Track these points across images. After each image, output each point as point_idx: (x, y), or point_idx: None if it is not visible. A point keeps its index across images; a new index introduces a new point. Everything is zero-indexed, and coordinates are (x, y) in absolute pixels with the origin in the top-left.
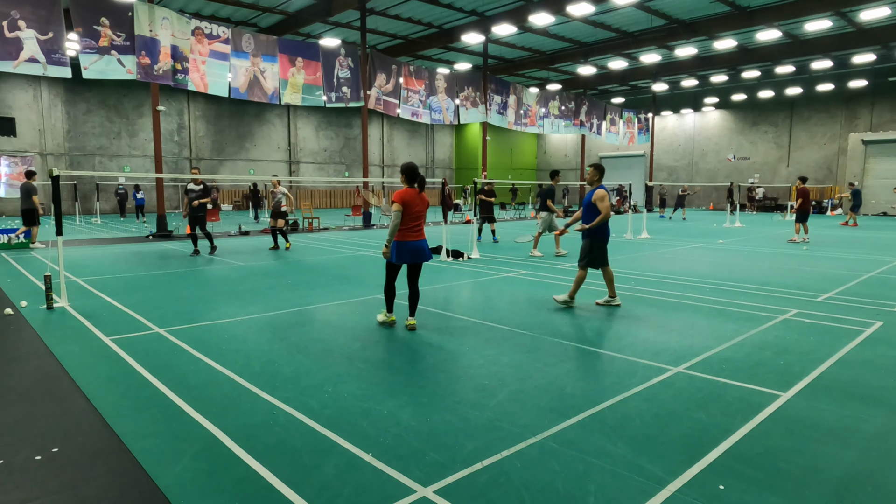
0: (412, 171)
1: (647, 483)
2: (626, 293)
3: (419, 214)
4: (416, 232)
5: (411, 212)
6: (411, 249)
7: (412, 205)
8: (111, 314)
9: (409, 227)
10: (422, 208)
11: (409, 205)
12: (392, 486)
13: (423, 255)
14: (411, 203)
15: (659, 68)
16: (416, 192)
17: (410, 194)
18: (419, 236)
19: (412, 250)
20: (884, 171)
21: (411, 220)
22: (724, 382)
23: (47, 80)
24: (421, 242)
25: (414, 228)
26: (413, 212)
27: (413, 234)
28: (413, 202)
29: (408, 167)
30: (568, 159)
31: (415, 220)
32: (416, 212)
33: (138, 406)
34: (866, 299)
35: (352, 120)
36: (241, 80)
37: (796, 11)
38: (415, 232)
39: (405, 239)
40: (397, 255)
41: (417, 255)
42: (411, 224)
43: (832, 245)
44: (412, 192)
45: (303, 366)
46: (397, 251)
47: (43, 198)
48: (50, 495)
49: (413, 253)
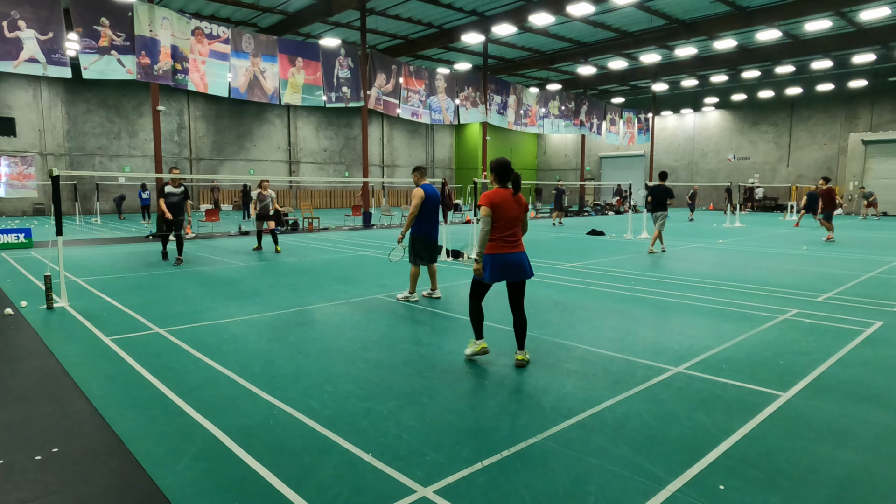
0: (503, 168)
1: (647, 483)
2: (627, 293)
3: (514, 221)
4: (511, 243)
5: (505, 217)
6: (506, 264)
7: (504, 208)
8: (111, 314)
9: (502, 236)
10: (517, 213)
11: (499, 208)
12: (392, 486)
13: (522, 271)
14: (502, 206)
15: (659, 68)
16: (508, 194)
17: (501, 195)
18: (516, 248)
19: (507, 265)
20: (884, 171)
21: (505, 228)
22: (724, 382)
23: (47, 80)
24: (519, 255)
25: (508, 238)
26: (507, 217)
27: (508, 245)
28: (505, 205)
29: (498, 164)
30: (568, 159)
31: (509, 228)
32: (511, 217)
33: (138, 406)
34: (866, 299)
35: (352, 120)
36: (241, 80)
37: (796, 11)
38: (510, 243)
39: (498, 252)
40: (490, 271)
41: (515, 272)
42: (505, 233)
43: (832, 245)
44: (503, 193)
45: (303, 366)
46: (490, 267)
47: (43, 198)
48: (50, 495)
49: (508, 268)
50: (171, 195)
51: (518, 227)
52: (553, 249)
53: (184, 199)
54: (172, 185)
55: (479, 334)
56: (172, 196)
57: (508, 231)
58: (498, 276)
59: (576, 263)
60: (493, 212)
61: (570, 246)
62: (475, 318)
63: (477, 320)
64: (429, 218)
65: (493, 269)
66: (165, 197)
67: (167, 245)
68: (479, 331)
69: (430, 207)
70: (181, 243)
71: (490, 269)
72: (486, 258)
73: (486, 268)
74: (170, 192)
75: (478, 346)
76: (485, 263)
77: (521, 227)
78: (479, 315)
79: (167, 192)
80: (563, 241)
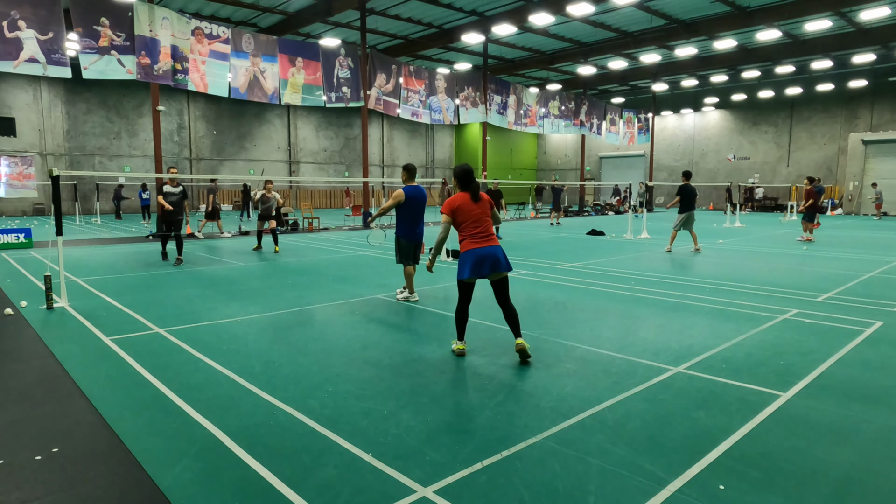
0: (465, 175)
1: (647, 483)
2: (627, 293)
3: (479, 218)
4: (482, 238)
5: (469, 217)
6: (480, 256)
7: (465, 211)
8: (111, 314)
9: (471, 234)
10: (480, 211)
11: (460, 211)
12: (392, 486)
13: (498, 263)
14: (463, 208)
15: (659, 68)
16: (467, 197)
17: (459, 199)
18: (488, 242)
19: (481, 257)
20: (884, 171)
21: (471, 227)
22: (724, 382)
23: (47, 80)
24: (493, 248)
25: (478, 235)
26: (471, 217)
27: (480, 240)
28: (465, 207)
29: (461, 171)
30: (568, 159)
31: (476, 226)
32: (475, 216)
33: (138, 406)
34: (866, 299)
35: (352, 120)
36: (241, 80)
37: (796, 11)
38: (481, 238)
39: (471, 247)
40: (467, 267)
41: (490, 264)
42: (474, 231)
43: (832, 245)
44: (462, 197)
45: (303, 366)
46: (467, 262)
47: (43, 198)
48: (50, 495)
49: (483, 260)
50: (169, 195)
51: (485, 223)
52: (553, 249)
53: (182, 198)
54: (171, 184)
55: (460, 335)
56: (171, 196)
57: (476, 228)
58: (474, 270)
59: (576, 263)
60: (456, 215)
61: (570, 246)
62: (459, 319)
63: (461, 322)
64: (411, 220)
65: (469, 264)
66: (164, 196)
67: (167, 245)
68: (461, 332)
69: (413, 209)
70: (181, 243)
71: (467, 265)
72: (462, 256)
73: (464, 264)
74: (168, 191)
75: (457, 345)
76: (461, 261)
77: (488, 222)
78: (463, 318)
79: (165, 191)
80: (563, 241)
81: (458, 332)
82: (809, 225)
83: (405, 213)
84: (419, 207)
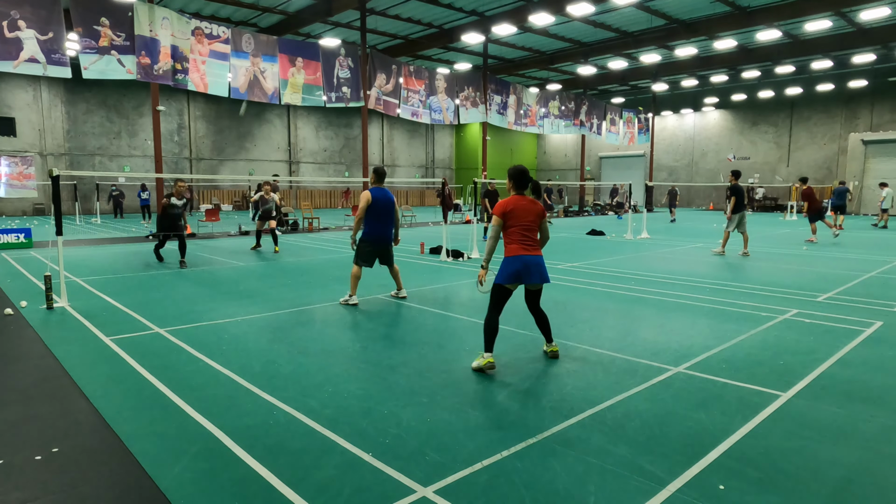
0: (521, 176)
1: (647, 483)
2: (627, 293)
3: (530, 226)
4: (529, 246)
5: (520, 223)
6: (526, 263)
7: (519, 215)
8: (111, 314)
9: (519, 239)
10: (532, 219)
11: (513, 215)
12: (392, 486)
13: (540, 273)
14: (517, 212)
15: (659, 68)
16: (525, 201)
17: (514, 202)
18: (535, 251)
19: (527, 264)
20: (884, 171)
21: (519, 233)
22: (724, 382)
23: (47, 80)
24: (537, 258)
25: (525, 242)
26: (522, 223)
27: (526, 248)
28: (520, 211)
29: (516, 171)
30: (568, 159)
31: (524, 233)
32: (527, 223)
33: (138, 406)
34: (866, 299)
35: (352, 120)
36: (241, 80)
37: (796, 11)
38: (527, 246)
39: (517, 253)
40: (512, 273)
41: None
42: (521, 237)
43: (832, 245)
44: (517, 200)
45: (303, 366)
46: (509, 267)
47: (43, 198)
48: (50, 495)
49: (528, 267)
50: (174, 207)
51: (533, 232)
52: (553, 249)
53: (185, 209)
54: (177, 197)
55: (489, 347)
56: (175, 208)
57: (524, 235)
58: (515, 277)
59: (576, 263)
60: (508, 218)
61: (569, 246)
62: (489, 329)
63: (491, 332)
64: (376, 221)
65: (511, 270)
66: (169, 208)
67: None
68: (490, 344)
69: (378, 211)
70: (184, 246)
71: (509, 270)
72: (507, 261)
73: (509, 269)
74: (174, 203)
75: (485, 359)
76: (506, 265)
77: (536, 232)
78: (493, 327)
79: (172, 203)
80: (563, 241)
81: (486, 344)
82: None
83: (370, 214)
84: (384, 209)
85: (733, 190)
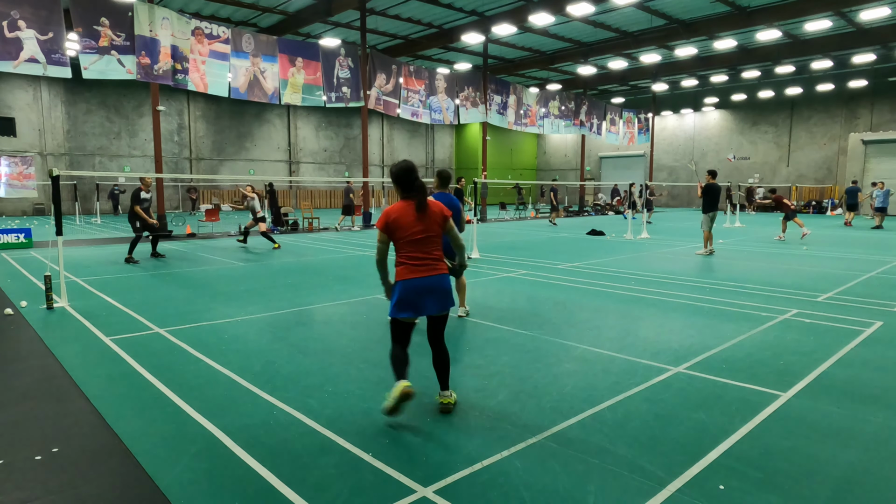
0: (404, 175)
1: (647, 483)
2: (627, 293)
3: (423, 240)
4: (422, 266)
5: (406, 235)
6: (417, 289)
7: (404, 226)
8: (111, 314)
9: (408, 258)
10: (424, 228)
11: (397, 226)
12: (392, 486)
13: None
14: (401, 223)
15: (659, 68)
16: (410, 207)
17: (398, 210)
18: (431, 271)
19: (419, 290)
20: (884, 171)
21: (410, 249)
22: (724, 382)
23: (47, 80)
24: (433, 280)
25: (417, 260)
26: (410, 236)
27: (419, 269)
28: (404, 221)
29: (398, 169)
30: (568, 159)
31: (415, 249)
32: (417, 235)
33: (138, 406)
34: (866, 299)
35: (352, 120)
36: (241, 80)
37: (796, 11)
38: (422, 266)
39: (406, 277)
40: (398, 301)
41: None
42: (412, 254)
43: (832, 245)
44: (402, 207)
45: (303, 366)
46: (398, 295)
47: (43, 198)
48: (50, 495)
49: (420, 294)
50: (144, 201)
51: (431, 245)
52: (553, 249)
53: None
54: (145, 189)
55: (399, 374)
56: (146, 202)
57: (415, 251)
58: (405, 307)
59: (576, 263)
60: (392, 232)
61: (569, 246)
62: (396, 362)
63: (398, 364)
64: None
65: (401, 299)
66: (141, 203)
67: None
68: (402, 372)
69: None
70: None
71: (398, 299)
72: (396, 287)
73: (395, 298)
74: (144, 197)
75: (397, 388)
76: (395, 293)
77: (436, 243)
78: (400, 359)
79: (142, 197)
80: (563, 241)
81: (399, 374)
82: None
83: None
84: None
85: (706, 189)
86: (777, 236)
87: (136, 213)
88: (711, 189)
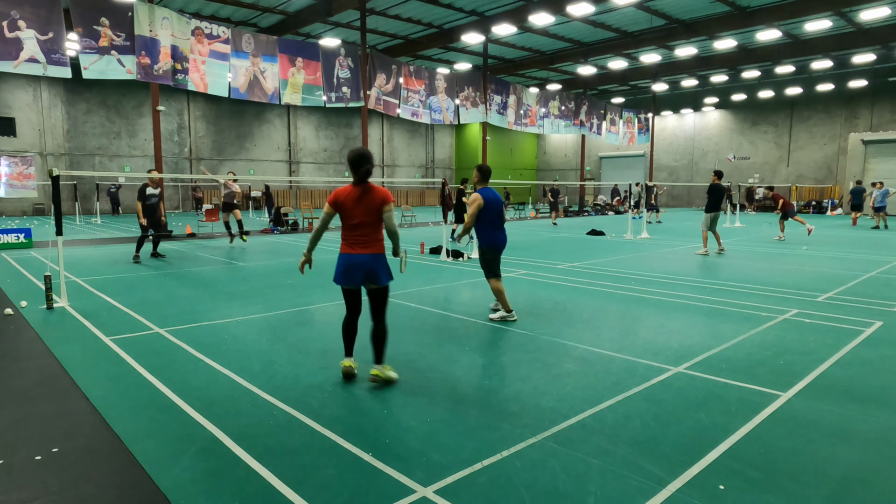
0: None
1: (647, 483)
2: (627, 293)
3: (360, 224)
4: (358, 243)
5: (349, 217)
6: (348, 265)
7: (346, 208)
8: (111, 314)
9: (348, 236)
10: (361, 213)
11: (340, 207)
12: (392, 486)
13: (369, 275)
14: (344, 206)
15: (659, 68)
16: (355, 192)
17: (345, 193)
18: (365, 249)
19: (349, 266)
20: (884, 171)
21: (350, 228)
22: (724, 382)
23: (47, 80)
24: (365, 257)
25: (355, 239)
26: (351, 218)
27: (355, 246)
28: (348, 205)
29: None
30: (568, 159)
31: (354, 229)
32: (356, 219)
33: (138, 406)
34: (866, 299)
35: (352, 120)
36: (241, 80)
37: (796, 11)
38: (357, 243)
39: (343, 251)
40: (337, 272)
41: (359, 274)
42: (351, 233)
43: (832, 245)
44: (347, 191)
45: (303, 366)
46: (337, 267)
47: (43, 198)
48: (50, 495)
49: (351, 270)
50: (151, 196)
51: (368, 228)
52: (553, 249)
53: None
54: (152, 185)
55: (348, 351)
56: (153, 198)
57: (354, 231)
58: (342, 278)
59: (576, 263)
60: (339, 211)
61: (569, 246)
62: (344, 332)
63: (346, 335)
64: (491, 227)
65: (338, 270)
66: (146, 199)
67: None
68: (349, 348)
69: (491, 214)
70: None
71: (337, 270)
72: (338, 258)
73: (336, 269)
74: (150, 193)
75: (342, 364)
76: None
77: (373, 228)
78: (349, 330)
79: (148, 193)
80: (563, 241)
81: (345, 347)
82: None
83: (484, 217)
84: (496, 211)
85: (710, 189)
86: (777, 236)
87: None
88: (716, 189)
